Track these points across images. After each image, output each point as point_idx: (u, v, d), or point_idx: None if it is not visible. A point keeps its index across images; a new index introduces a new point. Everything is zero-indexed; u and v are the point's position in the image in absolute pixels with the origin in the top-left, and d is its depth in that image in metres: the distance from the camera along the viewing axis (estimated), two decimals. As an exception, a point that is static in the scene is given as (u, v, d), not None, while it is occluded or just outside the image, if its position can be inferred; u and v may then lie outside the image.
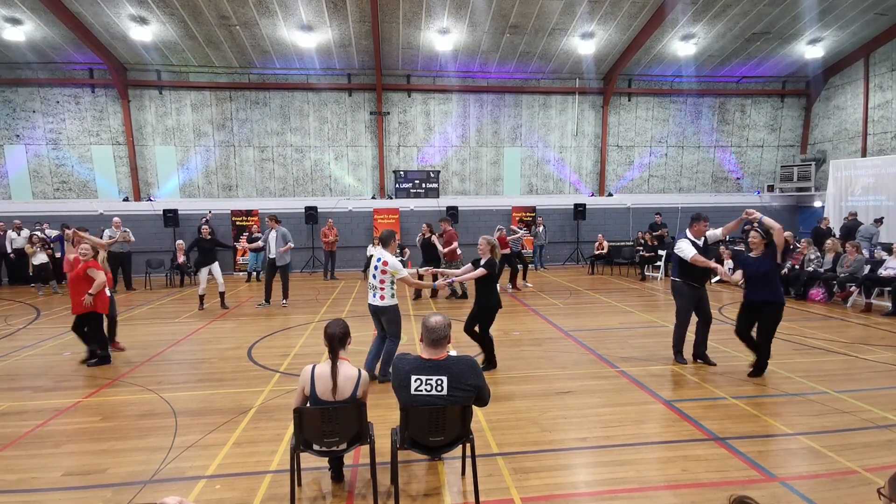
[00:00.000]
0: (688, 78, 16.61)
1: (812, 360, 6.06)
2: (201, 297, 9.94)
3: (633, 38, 14.40)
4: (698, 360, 6.15)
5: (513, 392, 5.29)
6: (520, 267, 12.12)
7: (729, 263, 12.66)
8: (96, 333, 6.35)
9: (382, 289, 5.48)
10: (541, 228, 15.26)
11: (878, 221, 12.56)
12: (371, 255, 6.04)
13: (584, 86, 16.66)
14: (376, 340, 5.81)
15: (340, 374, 3.19)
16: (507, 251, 11.37)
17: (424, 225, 11.33)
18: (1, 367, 6.47)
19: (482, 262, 5.93)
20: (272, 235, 9.99)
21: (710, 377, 5.68)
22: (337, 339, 3.24)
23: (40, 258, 12.14)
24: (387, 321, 5.56)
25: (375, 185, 16.52)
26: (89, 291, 6.07)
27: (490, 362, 6.06)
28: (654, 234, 14.29)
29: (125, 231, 12.13)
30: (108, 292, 6.49)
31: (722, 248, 13.61)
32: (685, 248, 5.95)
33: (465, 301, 10.30)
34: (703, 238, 6.16)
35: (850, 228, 12.35)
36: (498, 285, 6.15)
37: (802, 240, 11.20)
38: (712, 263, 5.87)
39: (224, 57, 14.66)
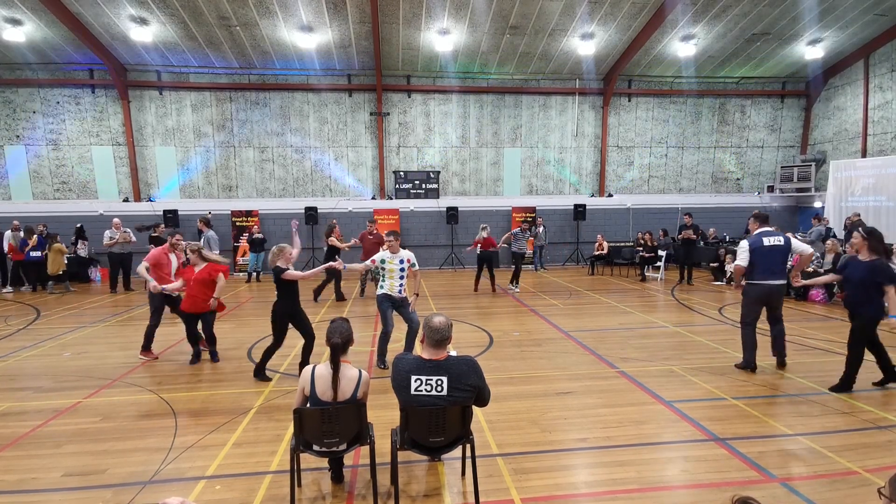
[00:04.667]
0: (688, 78, 16.61)
1: (812, 361, 6.06)
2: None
3: (633, 38, 14.41)
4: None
5: (513, 392, 5.29)
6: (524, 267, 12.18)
7: (729, 267, 12.65)
8: (209, 329, 6.59)
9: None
10: (541, 229, 15.26)
11: (817, 219, 12.70)
12: (383, 260, 6.11)
13: (584, 86, 16.67)
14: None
15: (341, 378, 3.20)
16: (491, 250, 11.54)
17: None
18: (1, 367, 6.47)
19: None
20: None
21: (710, 378, 5.68)
22: (339, 348, 3.24)
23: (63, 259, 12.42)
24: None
25: (375, 185, 16.53)
26: (214, 295, 6.34)
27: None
28: (678, 236, 13.05)
29: (126, 232, 12.15)
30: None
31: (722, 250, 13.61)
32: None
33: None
34: None
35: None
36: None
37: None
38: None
39: (224, 57, 14.66)
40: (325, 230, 10.93)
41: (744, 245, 5.78)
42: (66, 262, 12.51)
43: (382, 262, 6.07)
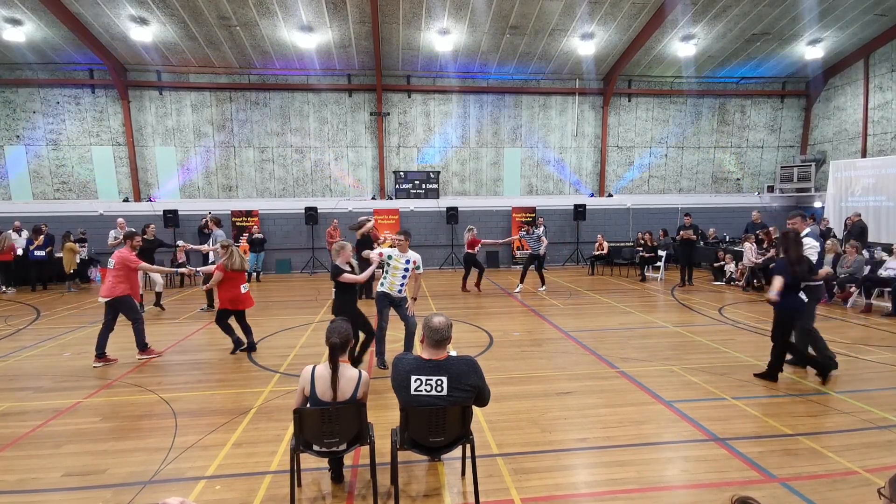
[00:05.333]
0: (688, 78, 16.61)
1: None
2: (158, 295, 10.27)
3: (633, 38, 14.41)
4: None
5: (513, 392, 5.29)
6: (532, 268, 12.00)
7: (730, 267, 12.66)
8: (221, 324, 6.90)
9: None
10: (541, 229, 15.23)
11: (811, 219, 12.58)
12: (390, 256, 6.09)
13: (584, 86, 16.67)
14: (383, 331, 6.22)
15: (341, 378, 3.20)
16: (474, 251, 11.69)
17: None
18: (1, 367, 6.47)
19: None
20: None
21: (710, 378, 5.68)
22: (338, 348, 3.24)
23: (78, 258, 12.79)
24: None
25: (375, 185, 16.53)
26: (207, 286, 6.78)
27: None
28: (678, 236, 12.51)
29: (129, 232, 12.16)
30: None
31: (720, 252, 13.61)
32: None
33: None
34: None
35: (862, 229, 11.94)
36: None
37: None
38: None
39: (224, 57, 14.66)
40: (355, 226, 10.81)
41: (815, 244, 5.60)
42: (78, 261, 12.76)
43: (389, 258, 6.06)
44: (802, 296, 5.40)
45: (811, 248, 5.65)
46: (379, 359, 6.18)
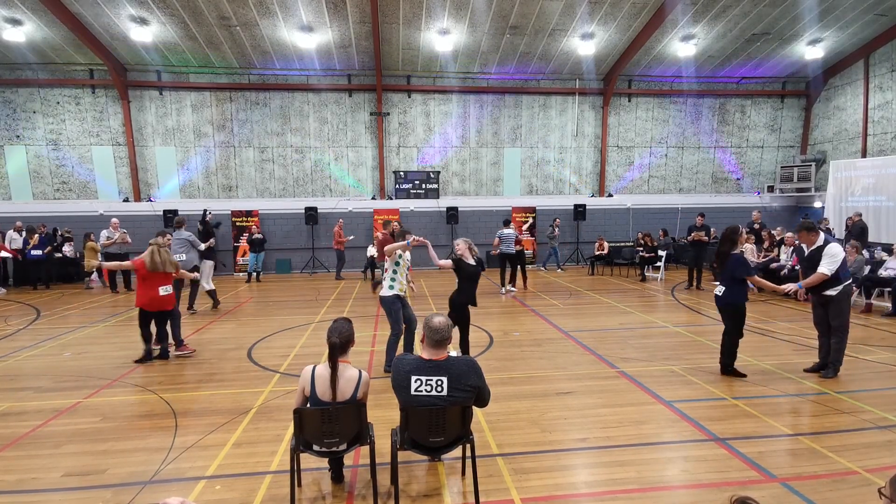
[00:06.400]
0: (688, 78, 16.60)
1: (812, 361, 6.05)
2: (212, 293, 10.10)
3: (633, 38, 14.41)
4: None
5: (513, 392, 5.29)
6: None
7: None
8: (160, 329, 6.70)
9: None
10: (556, 230, 15.22)
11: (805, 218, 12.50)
12: (401, 255, 6.07)
13: (584, 86, 16.67)
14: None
15: (341, 378, 3.20)
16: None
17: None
18: (1, 367, 6.47)
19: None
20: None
21: (710, 378, 5.68)
22: (338, 347, 3.24)
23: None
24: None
25: (375, 185, 16.53)
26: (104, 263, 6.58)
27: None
28: (688, 237, 12.47)
29: (123, 232, 12.16)
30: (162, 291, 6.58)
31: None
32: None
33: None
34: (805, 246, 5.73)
35: (863, 229, 11.91)
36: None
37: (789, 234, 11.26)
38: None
39: (224, 57, 14.66)
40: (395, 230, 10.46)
41: (841, 253, 5.44)
42: (100, 258, 12.87)
43: (400, 257, 6.05)
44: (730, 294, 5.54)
45: (838, 258, 5.36)
46: (388, 363, 6.09)
